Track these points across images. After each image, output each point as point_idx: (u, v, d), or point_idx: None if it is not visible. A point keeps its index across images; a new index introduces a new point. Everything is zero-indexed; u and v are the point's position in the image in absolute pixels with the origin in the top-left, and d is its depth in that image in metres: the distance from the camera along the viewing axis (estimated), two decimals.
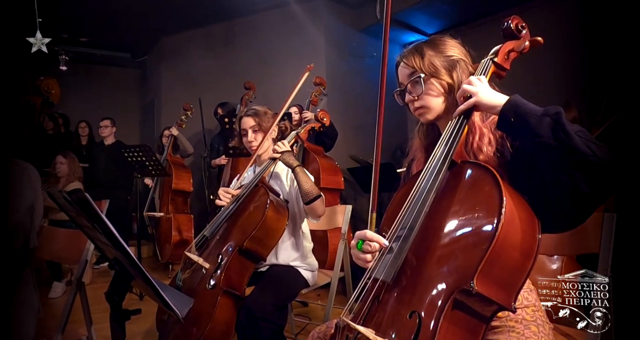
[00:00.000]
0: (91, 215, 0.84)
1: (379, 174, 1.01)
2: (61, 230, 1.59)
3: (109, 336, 1.05)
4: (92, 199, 2.35)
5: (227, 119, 3.47)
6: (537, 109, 0.88)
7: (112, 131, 4.72)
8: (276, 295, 1.81)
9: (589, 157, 0.80)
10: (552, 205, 0.86)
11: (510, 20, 1.09)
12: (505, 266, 0.78)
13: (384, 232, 0.99)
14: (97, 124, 4.88)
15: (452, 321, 0.78)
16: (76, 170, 3.92)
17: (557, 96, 3.04)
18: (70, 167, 3.85)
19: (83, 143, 5.11)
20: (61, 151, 3.89)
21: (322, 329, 1.17)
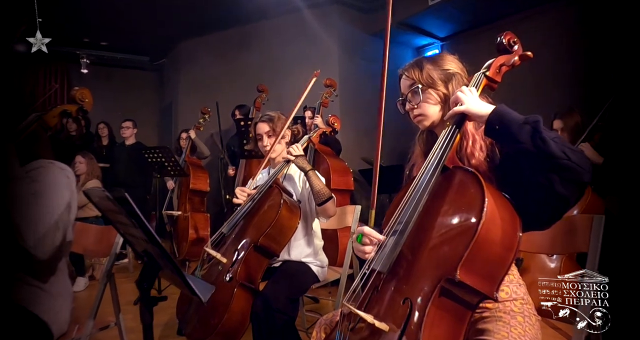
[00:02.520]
0: (129, 212, 0.97)
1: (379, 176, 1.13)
2: (91, 226, 1.73)
3: (131, 324, 1.18)
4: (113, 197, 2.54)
5: (243, 122, 3.61)
6: (519, 117, 0.98)
7: (133, 132, 4.92)
8: (289, 289, 1.93)
9: (563, 160, 0.90)
10: (533, 205, 0.96)
11: (503, 35, 1.20)
12: (486, 259, 0.89)
13: (384, 229, 1.11)
14: (117, 125, 5.08)
15: (440, 307, 0.90)
16: (94, 170, 4.10)
17: (560, 101, 3.10)
18: (89, 166, 4.03)
19: (104, 143, 5.31)
20: (80, 151, 4.08)
21: (329, 316, 1.29)
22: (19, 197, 1.22)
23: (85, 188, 3.79)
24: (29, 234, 1.20)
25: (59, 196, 1.32)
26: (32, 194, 1.26)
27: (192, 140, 4.67)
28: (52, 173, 1.35)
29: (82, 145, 5.17)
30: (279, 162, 2.15)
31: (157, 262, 1.17)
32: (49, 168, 1.36)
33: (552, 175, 0.92)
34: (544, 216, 0.98)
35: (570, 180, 0.91)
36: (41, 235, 1.22)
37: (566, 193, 0.92)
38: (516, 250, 0.92)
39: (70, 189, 1.38)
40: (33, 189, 1.27)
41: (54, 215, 1.26)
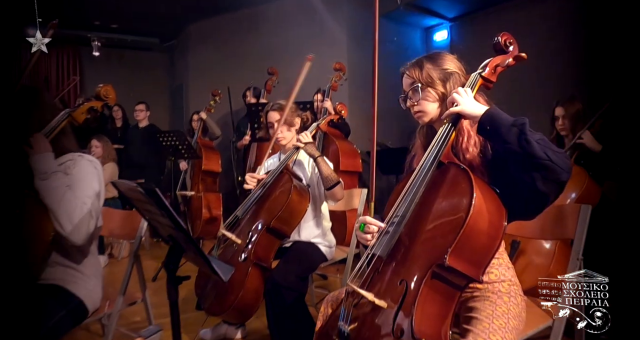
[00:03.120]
0: (158, 203, 1.10)
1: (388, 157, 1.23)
2: (117, 210, 1.88)
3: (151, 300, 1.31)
4: (126, 178, 2.68)
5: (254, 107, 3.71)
6: (508, 119, 1.08)
7: (146, 115, 5.04)
8: (299, 268, 2.08)
9: (545, 161, 1.00)
10: (518, 198, 1.07)
11: (500, 36, 1.27)
12: (473, 247, 1.01)
13: (385, 216, 1.23)
14: (130, 108, 5.19)
15: (432, 288, 1.02)
16: (110, 153, 4.25)
17: (562, 89, 3.13)
18: (105, 149, 4.18)
19: (117, 125, 5.44)
20: (95, 135, 4.21)
21: (335, 294, 1.42)
22: (55, 190, 1.36)
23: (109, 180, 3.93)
24: (66, 223, 1.34)
25: (90, 187, 1.45)
26: (68, 186, 1.39)
27: (204, 121, 4.78)
28: (82, 165, 1.48)
29: (97, 128, 5.33)
30: (289, 148, 2.27)
31: (181, 245, 1.30)
32: (79, 161, 1.49)
33: (534, 174, 1.02)
34: (527, 209, 1.10)
35: (550, 179, 1.01)
36: (77, 223, 1.36)
37: (546, 190, 1.02)
38: (501, 239, 1.04)
39: (99, 179, 1.51)
40: (67, 181, 1.40)
41: (87, 204, 1.40)
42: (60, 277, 1.47)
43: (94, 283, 1.54)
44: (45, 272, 1.44)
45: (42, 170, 1.37)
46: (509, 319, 1.09)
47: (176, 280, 1.35)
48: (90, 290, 1.51)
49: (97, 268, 1.60)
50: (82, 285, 1.49)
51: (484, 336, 1.01)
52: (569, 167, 1.02)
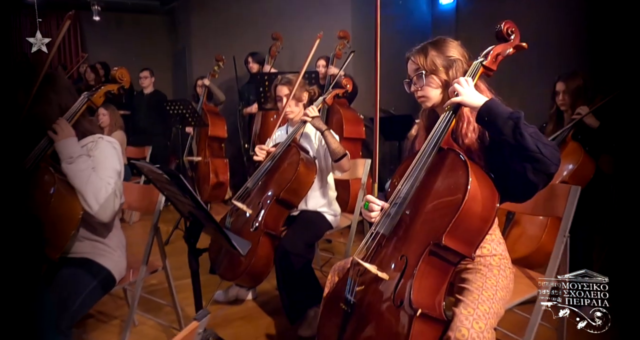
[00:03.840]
0: (180, 187, 1.20)
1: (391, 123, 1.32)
2: (135, 184, 1.98)
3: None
4: (134, 144, 2.79)
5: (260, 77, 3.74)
6: (505, 112, 1.15)
7: (151, 81, 5.05)
8: (306, 236, 2.21)
9: (536, 154, 1.09)
10: (510, 185, 1.17)
11: (503, 24, 1.32)
12: (467, 229, 1.12)
13: (389, 196, 1.33)
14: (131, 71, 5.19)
15: (429, 263, 1.15)
16: (117, 120, 4.31)
17: (565, 63, 3.13)
18: (112, 117, 4.23)
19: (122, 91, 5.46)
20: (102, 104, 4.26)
21: (342, 263, 1.56)
22: (82, 172, 1.45)
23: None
24: (93, 203, 1.44)
25: (112, 168, 1.54)
26: (92, 168, 1.49)
27: (208, 87, 4.80)
28: (103, 147, 1.56)
29: None
30: (297, 121, 2.34)
31: (200, 221, 1.42)
32: (99, 142, 1.57)
33: (526, 164, 1.11)
34: (518, 194, 1.20)
35: (540, 170, 1.10)
36: (103, 203, 1.46)
37: (536, 180, 1.12)
38: (493, 221, 1.15)
39: (119, 158, 1.61)
40: (92, 163, 1.49)
41: (111, 184, 1.50)
42: (89, 251, 1.59)
43: (119, 254, 1.68)
44: (75, 246, 1.57)
45: (68, 154, 1.45)
46: (497, 290, 1.22)
47: (196, 252, 1.49)
48: (116, 262, 1.65)
49: (121, 240, 1.73)
50: (109, 257, 1.63)
51: (473, 306, 1.14)
52: (558, 160, 1.11)
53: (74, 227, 1.44)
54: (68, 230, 1.41)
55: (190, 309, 2.27)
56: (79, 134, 1.56)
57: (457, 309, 1.15)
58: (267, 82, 3.50)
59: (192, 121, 4.11)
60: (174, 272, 1.90)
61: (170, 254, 1.84)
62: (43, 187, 1.38)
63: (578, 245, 2.13)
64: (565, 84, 2.32)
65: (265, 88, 3.50)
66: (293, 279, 2.11)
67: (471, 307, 1.13)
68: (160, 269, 1.86)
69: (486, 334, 1.06)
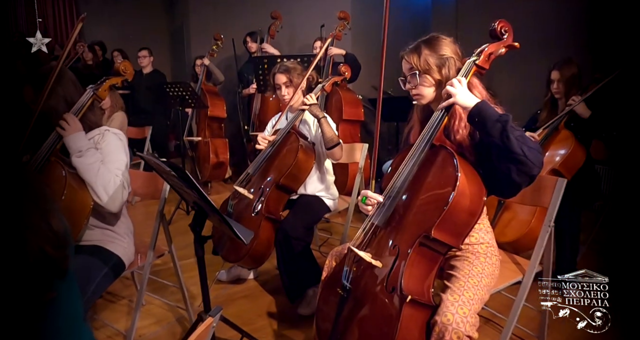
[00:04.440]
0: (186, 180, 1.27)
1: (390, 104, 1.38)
2: (140, 172, 2.05)
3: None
4: (134, 125, 2.85)
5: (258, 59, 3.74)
6: (494, 115, 1.21)
7: (150, 61, 5.04)
8: (305, 219, 2.30)
9: (520, 156, 1.16)
10: (496, 182, 1.24)
11: (497, 23, 1.36)
12: (455, 222, 1.20)
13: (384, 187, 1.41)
14: (132, 52, 5.17)
15: (419, 253, 1.24)
16: (118, 101, 4.32)
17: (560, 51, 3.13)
18: (112, 99, 4.24)
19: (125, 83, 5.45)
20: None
21: (339, 249, 1.64)
22: (91, 165, 1.51)
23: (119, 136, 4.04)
24: (103, 195, 1.51)
25: (119, 160, 1.60)
26: (101, 161, 1.55)
27: (207, 67, 4.80)
28: (109, 139, 1.62)
29: (100, 74, 5.35)
30: (296, 108, 2.39)
31: (205, 211, 1.50)
32: (106, 135, 1.63)
33: (510, 165, 1.18)
34: (503, 191, 1.27)
35: (523, 172, 1.18)
36: (112, 194, 1.52)
37: (519, 180, 1.19)
38: (479, 215, 1.23)
39: (125, 150, 1.66)
40: (100, 156, 1.55)
41: (119, 176, 1.56)
42: (99, 238, 1.67)
43: (128, 241, 1.76)
44: (86, 234, 1.64)
45: (77, 148, 1.51)
46: (482, 277, 1.31)
47: (202, 239, 1.58)
48: (125, 248, 1.73)
49: (129, 227, 1.81)
50: (119, 244, 1.71)
51: (459, 293, 1.23)
52: (541, 163, 1.18)
53: (86, 217, 1.51)
54: (80, 221, 1.48)
55: (195, 288, 2.40)
56: (86, 127, 1.60)
57: (445, 295, 1.24)
58: (266, 65, 3.51)
59: (192, 103, 4.15)
60: (177, 252, 1.99)
61: (172, 235, 1.92)
62: (55, 182, 1.44)
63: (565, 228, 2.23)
64: (559, 73, 2.36)
65: (265, 71, 3.51)
66: (293, 261, 2.21)
67: (457, 294, 1.23)
68: (166, 253, 1.95)
69: (469, 319, 1.16)
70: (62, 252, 0.60)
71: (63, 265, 0.60)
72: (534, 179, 1.21)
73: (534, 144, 1.19)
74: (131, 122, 4.52)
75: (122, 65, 1.73)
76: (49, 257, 0.56)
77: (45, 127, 1.57)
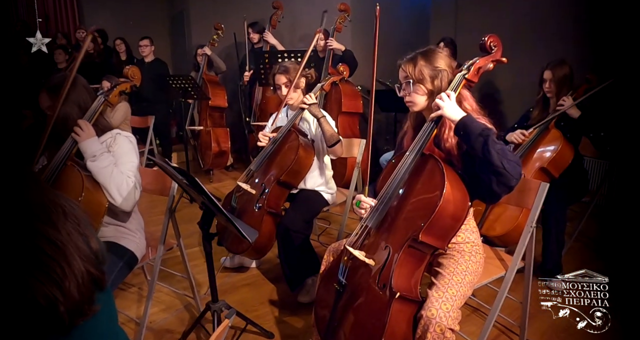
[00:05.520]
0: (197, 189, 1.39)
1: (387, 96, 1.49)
2: (149, 169, 2.15)
3: None
4: (137, 114, 2.95)
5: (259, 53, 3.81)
6: (478, 129, 1.31)
7: (151, 50, 5.08)
8: (304, 213, 2.43)
9: (499, 169, 1.27)
10: (479, 190, 1.36)
11: (487, 37, 1.45)
12: (441, 226, 1.32)
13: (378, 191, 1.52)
14: (133, 40, 5.21)
15: (408, 253, 1.36)
16: None
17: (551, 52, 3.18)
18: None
19: (122, 59, 5.49)
20: (105, 76, 4.30)
21: (336, 245, 1.77)
22: (105, 169, 1.61)
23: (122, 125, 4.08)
24: (117, 196, 1.62)
25: (131, 162, 1.70)
26: (114, 164, 1.65)
27: (209, 57, 4.86)
28: (121, 142, 1.72)
29: (102, 63, 5.40)
30: (296, 107, 2.49)
31: (212, 211, 1.62)
32: (117, 138, 1.73)
33: (491, 176, 1.29)
34: (485, 198, 1.39)
35: (502, 183, 1.28)
36: (125, 195, 1.64)
37: (498, 191, 1.30)
38: (464, 219, 1.35)
39: (136, 152, 1.77)
40: (113, 159, 1.66)
41: (131, 178, 1.67)
42: (113, 235, 1.79)
43: (139, 236, 1.88)
44: (101, 231, 1.75)
45: (92, 153, 1.61)
46: (465, 275, 1.44)
47: (209, 236, 1.71)
48: (137, 243, 1.85)
49: (140, 223, 1.94)
50: (131, 240, 1.83)
51: (443, 290, 1.36)
52: (519, 175, 1.29)
53: (102, 216, 1.63)
54: (97, 220, 1.60)
55: (200, 276, 2.54)
56: (98, 131, 1.70)
57: (430, 291, 1.37)
58: (267, 59, 3.58)
59: (195, 95, 4.23)
60: (183, 240, 2.11)
61: (177, 223, 2.04)
62: (73, 185, 1.55)
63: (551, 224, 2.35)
64: (552, 73, 2.44)
65: (266, 64, 3.59)
66: (293, 252, 2.34)
67: (441, 291, 1.35)
68: (175, 246, 2.08)
69: (452, 313, 1.29)
70: (101, 269, 0.71)
71: (103, 281, 0.72)
72: (512, 189, 1.32)
73: (514, 157, 1.30)
74: (134, 111, 4.61)
75: (131, 71, 1.83)
76: (92, 276, 0.68)
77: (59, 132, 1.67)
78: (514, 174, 1.28)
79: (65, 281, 0.63)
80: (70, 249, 0.65)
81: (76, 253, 0.66)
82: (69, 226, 0.68)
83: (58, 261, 0.63)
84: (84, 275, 0.66)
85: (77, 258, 0.66)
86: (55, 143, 1.70)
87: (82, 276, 0.65)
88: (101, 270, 0.71)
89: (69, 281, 0.63)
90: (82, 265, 0.66)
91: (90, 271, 0.68)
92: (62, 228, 0.66)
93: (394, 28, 4.66)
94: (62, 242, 0.64)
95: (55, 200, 0.68)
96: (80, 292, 0.64)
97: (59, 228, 0.66)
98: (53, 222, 0.65)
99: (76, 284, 0.63)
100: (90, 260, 0.69)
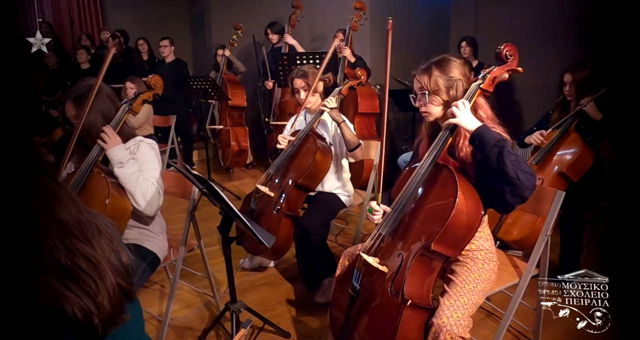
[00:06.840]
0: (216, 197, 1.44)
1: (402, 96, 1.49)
2: (171, 173, 2.22)
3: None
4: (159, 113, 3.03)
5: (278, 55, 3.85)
6: (493, 139, 1.33)
7: (171, 50, 5.18)
8: (322, 216, 2.47)
9: (514, 179, 1.28)
10: (492, 200, 1.37)
11: (503, 46, 1.45)
12: (453, 236, 1.34)
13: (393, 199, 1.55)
14: (154, 40, 5.33)
15: (420, 262, 1.39)
16: None
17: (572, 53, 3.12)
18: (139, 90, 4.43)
19: (144, 58, 5.62)
20: (128, 77, 4.42)
21: (351, 250, 1.80)
22: (131, 175, 1.68)
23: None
24: (142, 202, 1.69)
25: (154, 168, 1.77)
26: (139, 170, 1.72)
27: (227, 58, 4.93)
28: (144, 149, 1.79)
29: (124, 63, 5.54)
30: (315, 110, 2.52)
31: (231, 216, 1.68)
32: (141, 145, 1.80)
33: (505, 187, 1.30)
34: (499, 208, 1.40)
35: (516, 193, 1.30)
36: (149, 200, 1.71)
37: (512, 201, 1.31)
38: (477, 228, 1.37)
39: (159, 158, 1.84)
40: (138, 166, 1.73)
41: (155, 184, 1.74)
42: (137, 237, 1.87)
43: (162, 238, 1.96)
44: (125, 234, 1.83)
45: (119, 160, 1.69)
46: (477, 283, 1.46)
47: (228, 240, 1.77)
48: (160, 245, 1.93)
49: (163, 225, 2.01)
50: (154, 242, 1.91)
51: (455, 298, 1.38)
52: (533, 186, 1.30)
53: (126, 220, 1.71)
54: (122, 224, 1.68)
55: (219, 274, 2.62)
56: (123, 138, 1.77)
57: (442, 299, 1.40)
58: (286, 61, 3.62)
59: (215, 95, 4.31)
60: (203, 239, 2.17)
61: (197, 221, 2.10)
62: (100, 190, 1.63)
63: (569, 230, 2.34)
64: (572, 76, 2.40)
65: (285, 66, 3.63)
66: (310, 254, 2.39)
67: (453, 299, 1.38)
68: (196, 248, 2.15)
69: (462, 322, 1.31)
70: (131, 282, 0.77)
71: (132, 292, 0.77)
72: (526, 200, 1.33)
73: (528, 168, 1.30)
74: (155, 111, 4.73)
75: (153, 80, 1.89)
76: (123, 288, 0.73)
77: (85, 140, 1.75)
78: (528, 185, 1.29)
79: (99, 295, 0.69)
80: (103, 264, 0.71)
81: (109, 268, 0.72)
82: (103, 243, 0.74)
83: (93, 277, 0.69)
84: (115, 289, 0.71)
85: (109, 273, 0.71)
86: (81, 149, 1.78)
87: (113, 289, 0.71)
88: (131, 282, 0.77)
89: (102, 295, 0.69)
90: (114, 279, 0.72)
91: (121, 284, 0.73)
92: (97, 245, 0.72)
93: (413, 26, 4.63)
94: (96, 258, 0.70)
95: (90, 219, 0.74)
96: (112, 304, 0.70)
97: (94, 245, 0.72)
98: (89, 240, 0.71)
99: (108, 297, 0.69)
100: (121, 274, 0.74)
